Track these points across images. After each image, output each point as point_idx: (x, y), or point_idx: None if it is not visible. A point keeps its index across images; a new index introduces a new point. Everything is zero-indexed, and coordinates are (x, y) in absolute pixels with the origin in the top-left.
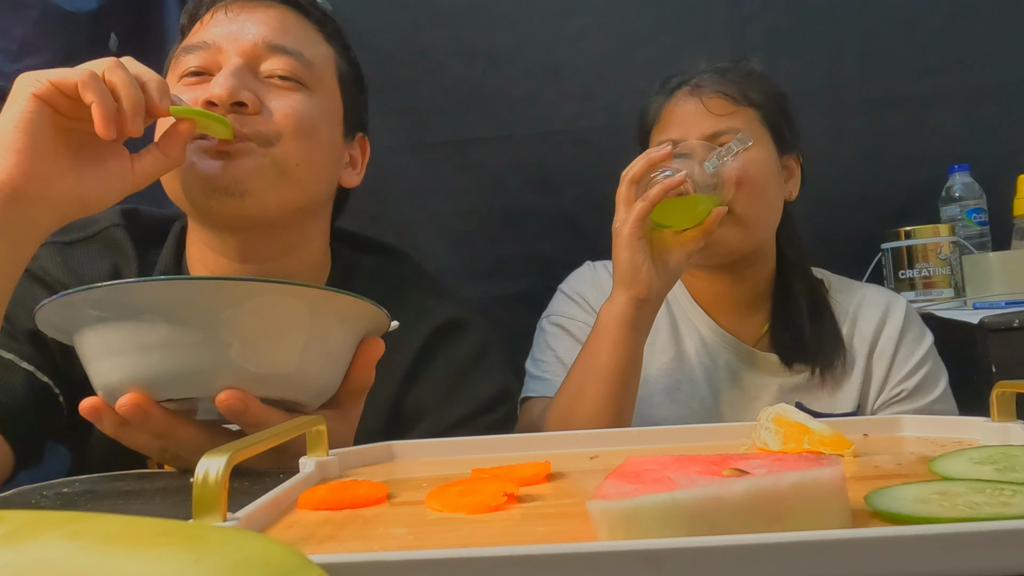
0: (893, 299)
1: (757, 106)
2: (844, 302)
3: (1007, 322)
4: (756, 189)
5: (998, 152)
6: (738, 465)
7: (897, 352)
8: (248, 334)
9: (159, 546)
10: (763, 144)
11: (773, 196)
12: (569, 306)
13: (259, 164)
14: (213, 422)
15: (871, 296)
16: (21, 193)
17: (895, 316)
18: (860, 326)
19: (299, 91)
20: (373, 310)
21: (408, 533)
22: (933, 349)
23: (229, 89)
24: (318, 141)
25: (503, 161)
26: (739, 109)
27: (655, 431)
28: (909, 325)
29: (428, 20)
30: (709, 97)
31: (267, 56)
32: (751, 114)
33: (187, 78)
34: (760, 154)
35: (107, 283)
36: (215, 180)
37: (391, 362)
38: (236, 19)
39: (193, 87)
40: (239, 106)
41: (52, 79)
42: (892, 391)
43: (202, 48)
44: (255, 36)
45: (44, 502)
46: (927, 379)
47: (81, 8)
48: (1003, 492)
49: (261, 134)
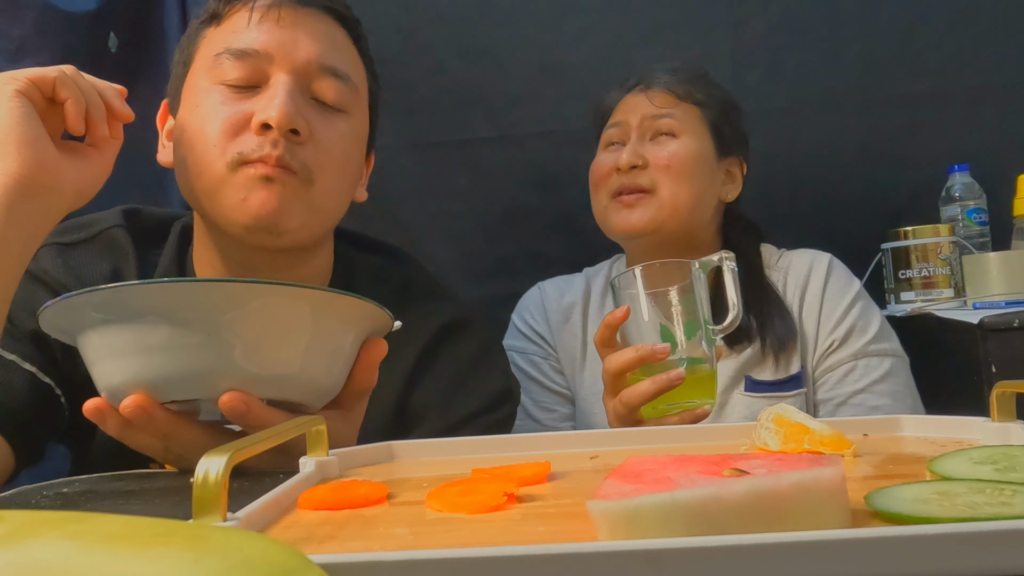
0: (817, 256)
1: (699, 104)
2: (775, 275)
3: (1007, 322)
4: (681, 175)
5: (998, 152)
6: (738, 465)
7: (823, 305)
8: (251, 336)
9: (159, 546)
10: (698, 138)
11: (699, 187)
12: (519, 339)
13: (299, 204)
14: (216, 423)
15: (796, 259)
16: (37, 184)
17: (818, 272)
18: (787, 291)
19: (342, 118)
20: (376, 311)
21: (408, 533)
22: (862, 292)
23: (288, 117)
24: (349, 171)
25: (503, 161)
26: (680, 103)
27: (655, 431)
28: (831, 276)
29: (428, 20)
30: (655, 91)
31: (318, 77)
32: (691, 110)
33: (231, 86)
34: (692, 145)
35: (110, 285)
36: (260, 220)
37: (395, 362)
38: (288, 27)
39: (240, 99)
40: (292, 133)
41: (30, 76)
42: (824, 344)
43: (251, 56)
44: (309, 53)
45: (44, 502)
46: (857, 324)
47: (80, 9)
48: (1003, 492)
49: (306, 167)
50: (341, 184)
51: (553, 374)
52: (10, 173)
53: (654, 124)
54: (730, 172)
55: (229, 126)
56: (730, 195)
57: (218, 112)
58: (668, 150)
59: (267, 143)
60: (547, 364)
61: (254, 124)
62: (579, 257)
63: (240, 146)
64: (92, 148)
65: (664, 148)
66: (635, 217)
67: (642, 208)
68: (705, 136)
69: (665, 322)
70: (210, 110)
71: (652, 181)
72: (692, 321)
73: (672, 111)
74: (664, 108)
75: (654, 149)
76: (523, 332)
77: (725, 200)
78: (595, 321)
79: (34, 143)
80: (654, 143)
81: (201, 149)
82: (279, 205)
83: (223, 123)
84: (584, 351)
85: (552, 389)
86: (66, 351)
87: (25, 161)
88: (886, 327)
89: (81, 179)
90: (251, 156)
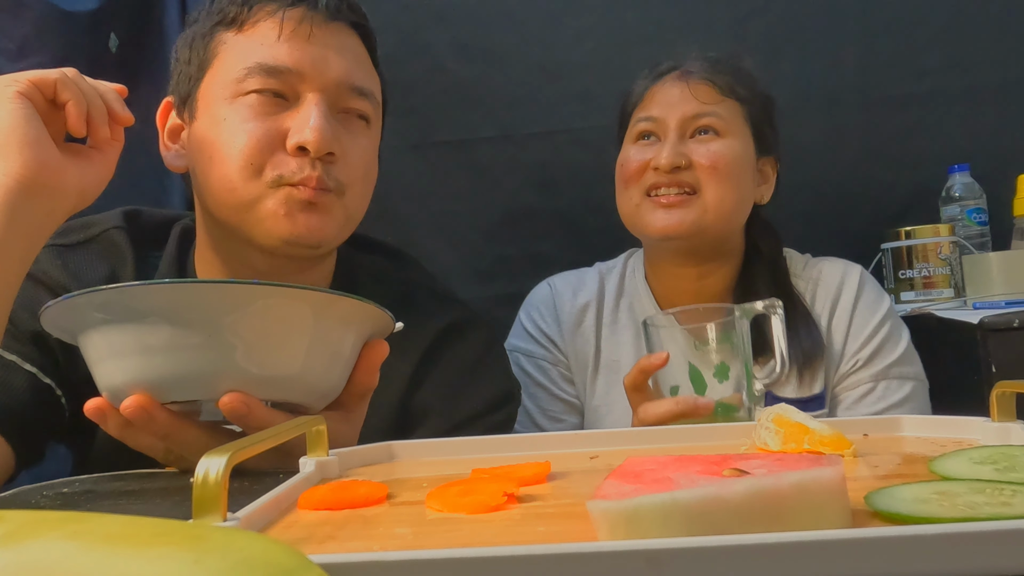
0: (848, 269)
1: (742, 100)
2: (802, 284)
3: (1007, 322)
4: (728, 178)
5: (998, 152)
6: (738, 465)
7: (852, 322)
8: (252, 337)
9: (159, 546)
10: (742, 138)
11: (743, 190)
12: (527, 341)
13: (336, 220)
14: (217, 424)
15: (827, 269)
16: (40, 185)
17: (849, 286)
18: (816, 302)
19: (365, 133)
20: (377, 312)
21: (408, 533)
22: (891, 311)
23: (326, 142)
24: (372, 179)
25: (503, 161)
26: (724, 99)
27: (655, 431)
28: (863, 292)
29: (429, 20)
30: (696, 83)
31: (347, 96)
32: (735, 107)
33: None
34: (737, 146)
35: (112, 286)
36: (302, 238)
37: (397, 364)
38: (318, 44)
39: (270, 114)
40: (327, 155)
41: (31, 78)
42: (848, 363)
43: (283, 74)
44: (339, 74)
45: (44, 502)
46: (884, 344)
47: (80, 8)
48: (1003, 492)
49: (340, 184)
50: (367, 193)
51: (562, 382)
52: (12, 174)
53: (696, 122)
54: (763, 172)
55: (264, 144)
56: (765, 196)
57: (249, 128)
58: (713, 150)
59: (306, 165)
60: (556, 371)
61: (291, 146)
62: (579, 257)
63: (279, 168)
64: (94, 150)
65: (708, 147)
66: (676, 219)
67: (685, 210)
68: (747, 135)
69: (699, 366)
70: (239, 125)
71: (696, 181)
72: (725, 363)
73: (715, 108)
74: (708, 104)
75: (697, 148)
76: (531, 333)
77: (760, 202)
78: (609, 325)
79: (36, 144)
80: (696, 141)
81: (233, 165)
82: (320, 225)
83: (256, 140)
84: (597, 359)
85: (560, 397)
86: (67, 352)
87: (27, 162)
88: (910, 349)
89: (83, 180)
90: (291, 180)
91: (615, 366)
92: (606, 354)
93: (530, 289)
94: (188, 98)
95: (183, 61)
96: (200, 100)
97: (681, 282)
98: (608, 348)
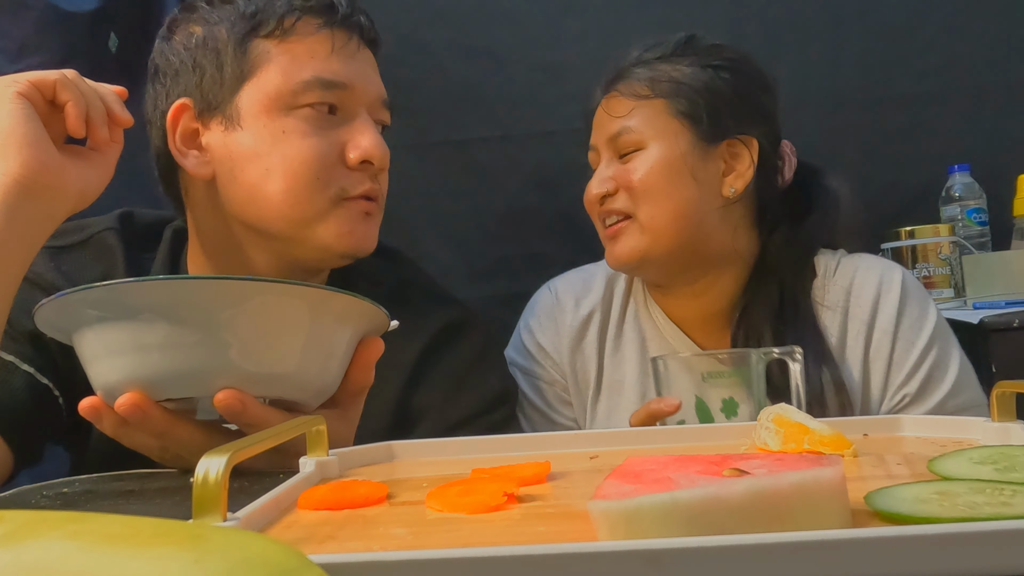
0: (886, 273)
1: (666, 95)
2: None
3: (1007, 322)
4: (652, 191)
5: (998, 152)
6: (738, 465)
7: (895, 346)
8: (247, 334)
9: (159, 546)
10: (667, 139)
11: (679, 195)
12: (524, 357)
13: (378, 228)
14: (213, 422)
15: (861, 274)
16: (40, 185)
17: (888, 299)
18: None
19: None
20: (372, 309)
21: (408, 533)
22: (940, 324)
23: (387, 156)
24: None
25: (503, 161)
26: (638, 104)
27: (655, 431)
28: (906, 307)
29: (428, 20)
30: (609, 98)
31: (380, 110)
32: (655, 107)
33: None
34: (656, 153)
35: (106, 283)
36: (360, 250)
37: (394, 363)
38: (361, 61)
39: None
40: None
41: (31, 79)
42: (894, 399)
43: (340, 88)
44: (378, 89)
45: (44, 502)
46: (934, 373)
47: (81, 8)
48: (1003, 492)
49: (383, 194)
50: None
51: (559, 404)
52: (11, 173)
53: (616, 142)
54: (731, 157)
55: (329, 159)
56: (735, 186)
57: (312, 144)
58: (631, 168)
59: (367, 179)
60: (553, 391)
61: (353, 160)
62: (579, 257)
63: (341, 181)
64: (93, 151)
65: (630, 166)
66: (618, 249)
67: (624, 238)
68: (677, 132)
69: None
70: (301, 140)
71: (626, 204)
72: (733, 399)
73: (629, 121)
74: (621, 117)
75: (621, 169)
76: (530, 350)
77: (728, 194)
78: (614, 339)
79: (35, 144)
80: (623, 161)
81: (298, 179)
82: (374, 235)
83: (322, 155)
84: (599, 379)
85: (557, 422)
86: (64, 352)
87: (26, 162)
88: (965, 367)
89: (83, 181)
90: (352, 192)
91: (618, 387)
92: (609, 373)
93: (529, 289)
94: (222, 105)
95: (207, 66)
96: (244, 109)
97: (680, 299)
98: (611, 367)
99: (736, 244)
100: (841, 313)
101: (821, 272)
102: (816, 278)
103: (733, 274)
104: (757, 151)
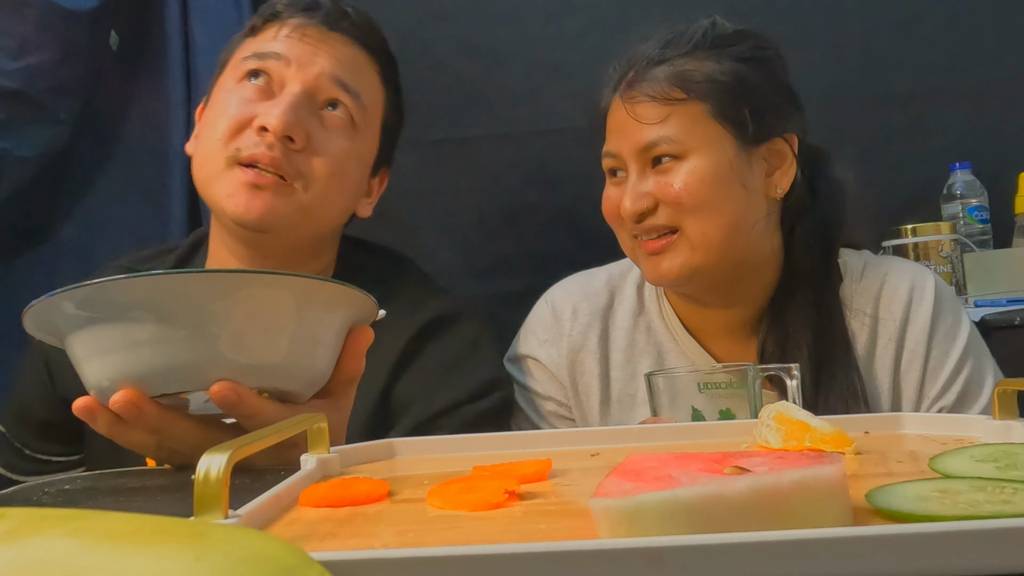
0: (917, 278)
1: (702, 96)
2: (860, 301)
3: (1008, 320)
4: (703, 205)
5: (1000, 149)
6: (739, 463)
7: (929, 357)
8: (237, 325)
9: (160, 543)
10: (711, 145)
11: (730, 205)
12: (523, 373)
13: (289, 208)
14: (208, 416)
15: (891, 280)
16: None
17: (921, 307)
18: (880, 324)
19: (345, 133)
20: (360, 297)
21: (409, 530)
22: (973, 333)
23: (286, 124)
24: (346, 185)
25: (504, 159)
26: (674, 109)
27: (656, 429)
28: (940, 315)
29: (429, 17)
30: (637, 103)
31: (329, 89)
32: (692, 110)
33: (247, 81)
34: (703, 163)
35: (92, 281)
36: (243, 219)
37: (381, 351)
38: (311, 43)
39: (253, 102)
40: (288, 140)
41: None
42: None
43: (271, 58)
44: (323, 68)
45: (45, 499)
46: (970, 387)
47: (81, 6)
48: (1004, 490)
49: (301, 174)
50: (335, 194)
51: (556, 421)
52: None
53: (649, 152)
54: (772, 156)
55: (236, 123)
56: (781, 186)
57: (230, 110)
58: (676, 180)
59: (262, 144)
60: (550, 405)
61: (255, 125)
62: (580, 256)
63: (239, 143)
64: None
65: (668, 179)
66: (664, 267)
67: (672, 255)
68: (722, 138)
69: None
70: (224, 108)
71: (671, 218)
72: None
73: (665, 129)
74: (654, 124)
75: (659, 182)
76: (527, 365)
77: (775, 195)
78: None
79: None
80: (657, 172)
81: (207, 141)
82: (265, 210)
83: (231, 120)
84: (606, 391)
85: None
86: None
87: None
88: (999, 376)
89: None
90: (242, 154)
91: (630, 401)
92: (619, 386)
93: (530, 287)
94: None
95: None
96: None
97: (707, 310)
98: (622, 379)
99: (772, 247)
100: (871, 320)
101: (847, 275)
102: (842, 282)
103: (763, 281)
104: (797, 145)
